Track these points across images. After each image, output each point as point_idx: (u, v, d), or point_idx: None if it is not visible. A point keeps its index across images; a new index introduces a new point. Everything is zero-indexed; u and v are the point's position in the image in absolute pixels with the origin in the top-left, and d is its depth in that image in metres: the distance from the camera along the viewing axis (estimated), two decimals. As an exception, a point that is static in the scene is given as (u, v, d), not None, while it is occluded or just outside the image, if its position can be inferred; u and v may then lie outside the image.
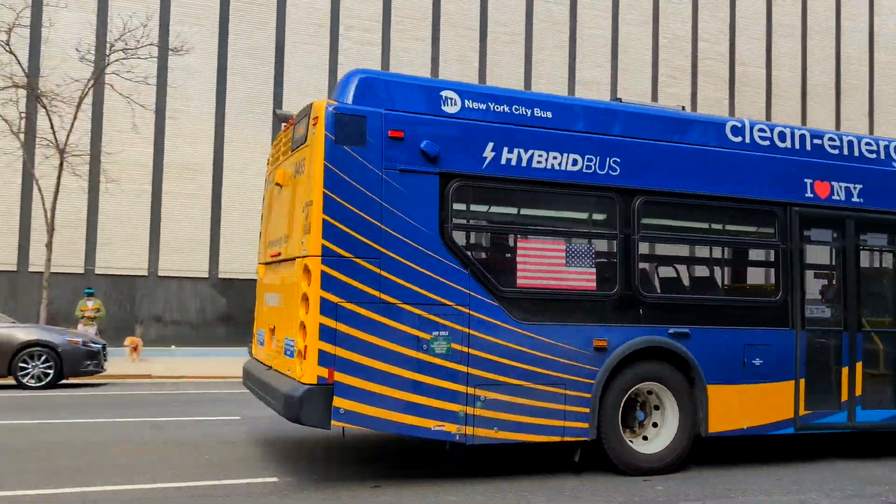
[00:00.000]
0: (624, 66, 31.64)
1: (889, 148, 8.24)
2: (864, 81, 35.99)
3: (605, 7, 31.59)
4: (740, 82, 33.81)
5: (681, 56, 32.75)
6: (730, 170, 7.39)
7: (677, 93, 32.17)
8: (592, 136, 6.93)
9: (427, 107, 6.47)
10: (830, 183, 7.79)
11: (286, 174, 6.99)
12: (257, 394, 7.14)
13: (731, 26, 33.82)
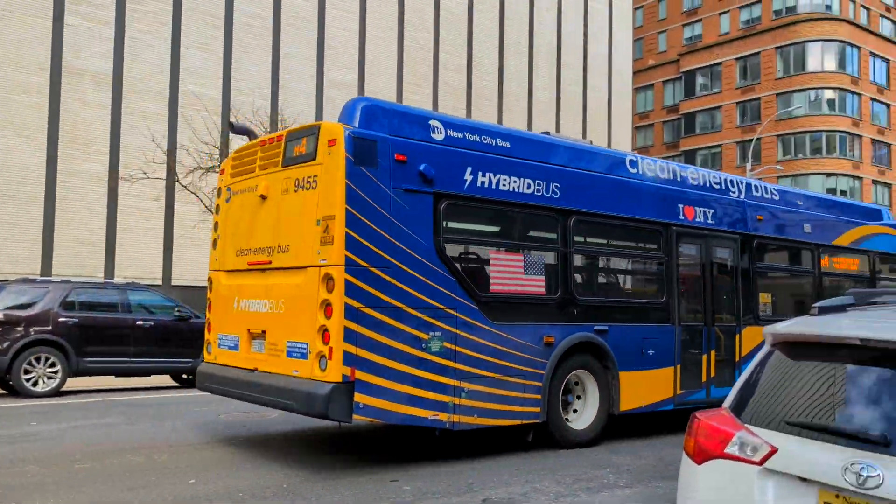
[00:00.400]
0: (371, 69, 32.37)
1: (728, 181, 10.37)
2: (579, 100, 40.49)
3: (353, 9, 32.04)
4: (476, 94, 36.24)
5: (424, 64, 34.28)
6: (631, 196, 8.94)
7: (420, 99, 33.67)
8: (540, 164, 8.13)
9: (420, 133, 7.35)
10: (694, 208, 9.60)
11: (275, 187, 7.43)
12: (245, 395, 7.49)
13: (468, 40, 36.10)
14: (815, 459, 2.77)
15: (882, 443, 2.66)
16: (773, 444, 2.92)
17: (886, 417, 2.74)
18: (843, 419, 2.86)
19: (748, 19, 57.71)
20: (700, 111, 56.83)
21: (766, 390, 3.18)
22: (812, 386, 3.06)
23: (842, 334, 3.09)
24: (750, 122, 52.96)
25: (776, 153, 50.84)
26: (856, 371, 2.97)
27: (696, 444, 3.23)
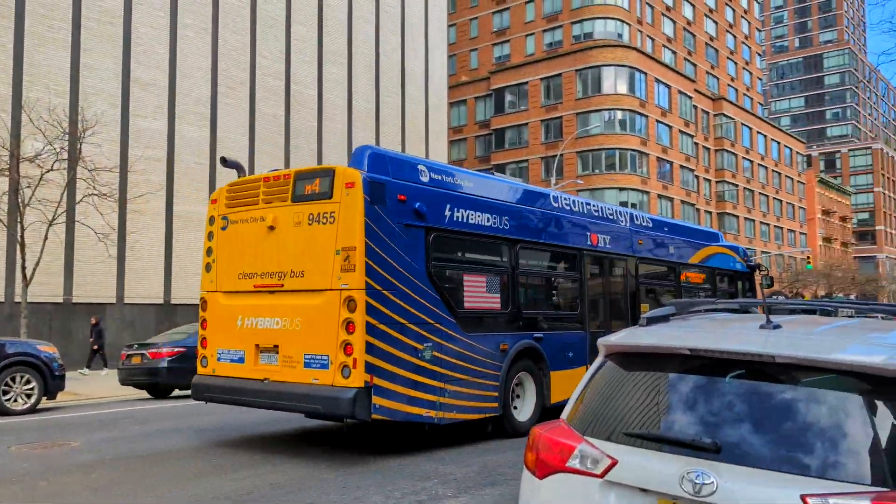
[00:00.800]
0: (183, 70, 30.94)
1: (618, 212, 12.73)
2: (398, 112, 41.25)
3: (163, 6, 30.48)
4: (295, 101, 35.79)
5: (239, 68, 33.30)
6: (556, 226, 10.96)
7: (235, 103, 32.70)
8: (495, 201, 9.89)
9: (412, 176, 8.79)
10: (597, 235, 11.77)
11: (284, 220, 8.54)
12: (255, 402, 8.67)
13: (287, 46, 35.58)
14: (653, 470, 2.80)
15: (714, 450, 2.70)
16: (613, 455, 2.92)
17: (716, 425, 2.80)
18: (676, 428, 2.88)
19: (551, 42, 61.82)
20: (509, 127, 59.96)
21: (603, 401, 3.18)
22: (646, 396, 3.09)
23: (672, 344, 3.14)
24: (553, 138, 56.69)
25: (576, 168, 54.84)
26: (686, 380, 3.02)
27: (537, 459, 3.18)
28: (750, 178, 71.27)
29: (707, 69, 73.09)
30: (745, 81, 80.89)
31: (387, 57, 40.80)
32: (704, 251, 15.03)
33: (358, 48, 39.18)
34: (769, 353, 2.83)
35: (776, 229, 75.85)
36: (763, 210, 73.43)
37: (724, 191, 67.08)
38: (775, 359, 2.81)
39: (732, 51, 78.55)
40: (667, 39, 66.40)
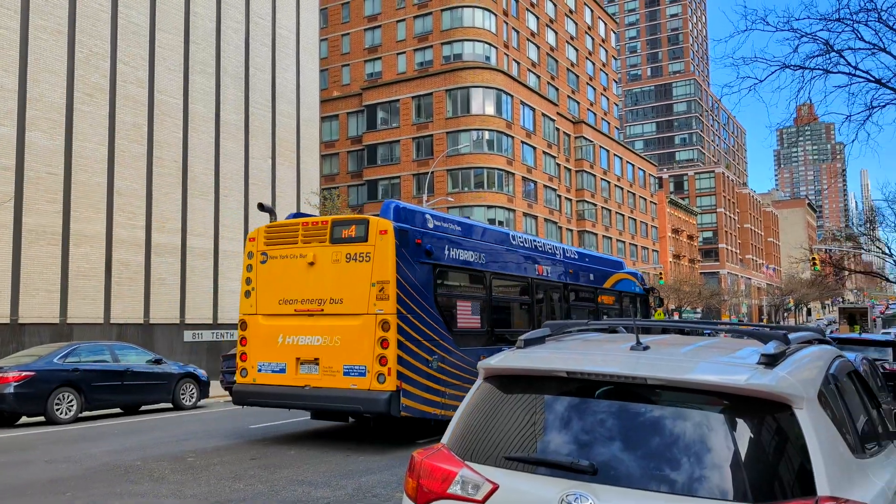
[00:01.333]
0: (36, 74, 29.06)
1: (554, 247, 15.55)
2: (268, 125, 40.56)
3: (13, 5, 28.54)
4: (159, 110, 34.42)
5: (98, 73, 31.68)
6: (514, 260, 13.54)
7: (93, 111, 31.06)
8: (475, 241, 12.38)
9: (421, 223, 11.19)
10: (542, 266, 14.34)
11: (323, 257, 10.71)
12: (296, 404, 10.92)
13: (150, 54, 34.20)
14: (533, 494, 2.80)
15: (591, 472, 2.74)
16: (495, 480, 2.89)
17: (590, 446, 2.83)
18: (555, 451, 2.88)
19: (422, 62, 62.90)
20: (381, 144, 60.31)
21: (483, 425, 3.14)
22: (525, 418, 3.08)
23: (548, 367, 3.15)
24: (424, 156, 57.59)
25: (447, 185, 55.96)
26: (563, 402, 3.03)
27: (418, 487, 3.10)
28: (607, 197, 75.36)
29: (568, 94, 76.80)
30: (602, 106, 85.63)
31: (257, 69, 40.08)
32: (614, 277, 18.18)
33: (227, 59, 38.24)
34: (640, 374, 2.89)
35: (631, 246, 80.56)
36: (619, 228, 77.80)
37: (584, 209, 70.54)
38: (647, 380, 2.87)
39: (591, 77, 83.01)
40: (531, 64, 69.25)
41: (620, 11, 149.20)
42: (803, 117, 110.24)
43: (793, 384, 2.78)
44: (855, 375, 3.96)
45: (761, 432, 2.75)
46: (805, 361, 3.16)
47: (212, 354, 33.29)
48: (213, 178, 36.99)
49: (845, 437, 2.98)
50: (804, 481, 2.59)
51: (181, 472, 8.96)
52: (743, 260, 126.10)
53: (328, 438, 11.71)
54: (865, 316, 57.47)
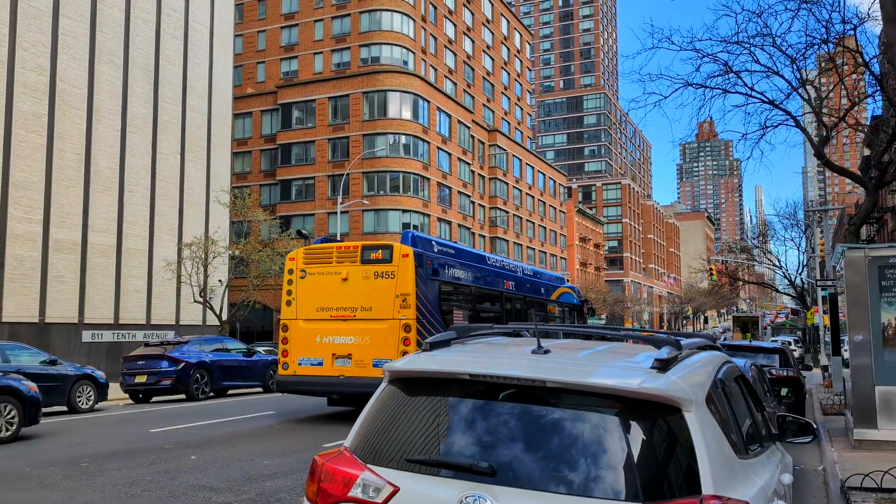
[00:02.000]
0: (-77, 56, 27.32)
1: (516, 266, 19.44)
2: (178, 119, 39.40)
3: None
4: (62, 100, 32.94)
5: (-5, 59, 30.10)
6: (490, 277, 16.90)
7: (-11, 98, 29.44)
8: (464, 262, 15.67)
9: (429, 248, 14.33)
10: (508, 282, 17.93)
11: (354, 274, 13.71)
12: (333, 391, 14.07)
13: (53, 41, 32.71)
14: (432, 496, 2.81)
15: (490, 473, 2.75)
16: (396, 483, 2.89)
17: (493, 448, 2.85)
18: (456, 453, 2.91)
19: (339, 63, 62.48)
20: (296, 143, 59.48)
21: (385, 428, 3.14)
22: (428, 421, 3.10)
23: (451, 369, 3.16)
24: (340, 157, 57.18)
25: (362, 188, 55.75)
26: (465, 404, 3.05)
27: (319, 490, 3.07)
28: (519, 205, 76.82)
29: (483, 102, 77.91)
30: (516, 116, 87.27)
31: (168, 62, 38.88)
32: (559, 290, 22.15)
33: (136, 50, 36.94)
34: (540, 377, 2.93)
35: (541, 253, 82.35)
36: (529, 236, 79.41)
37: (496, 216, 71.66)
38: (546, 383, 2.91)
39: (506, 86, 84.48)
40: (448, 71, 69.90)
41: (536, 24, 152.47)
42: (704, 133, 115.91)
43: (683, 388, 2.87)
44: (741, 380, 4.20)
45: (653, 434, 2.83)
46: (695, 366, 3.28)
47: (112, 356, 32.01)
48: (117, 172, 35.64)
49: (731, 439, 3.12)
50: (691, 481, 2.70)
51: (74, 478, 8.65)
52: (646, 269, 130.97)
53: (233, 443, 11.54)
54: (757, 324, 60.70)
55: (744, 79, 15.58)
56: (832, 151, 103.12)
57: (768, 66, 15.41)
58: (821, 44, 14.54)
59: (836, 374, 20.17)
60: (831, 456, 10.38)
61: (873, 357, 10.77)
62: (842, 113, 17.29)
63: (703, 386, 3.13)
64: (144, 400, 20.49)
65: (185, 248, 34.74)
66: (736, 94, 15.71)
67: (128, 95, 36.29)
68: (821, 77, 18.39)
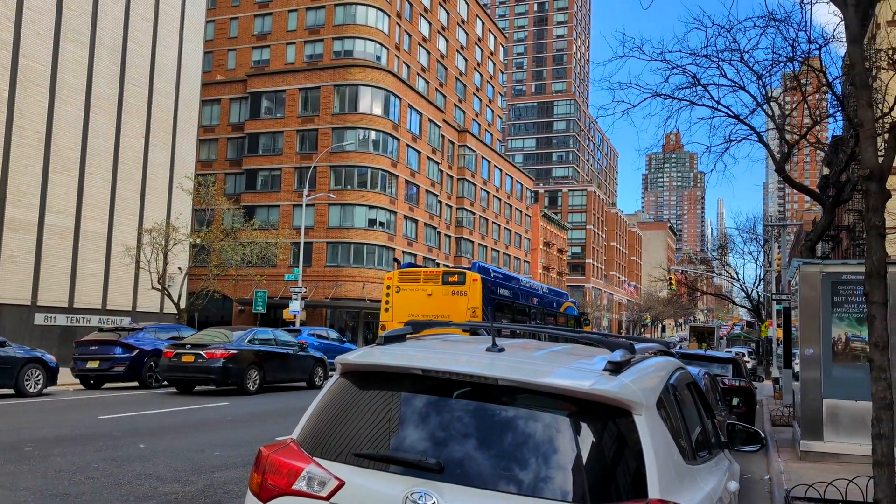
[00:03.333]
0: None
1: (539, 286, 26.41)
2: (144, 103, 38.70)
3: None
4: (24, 76, 32.13)
5: (-45, 30, 29.25)
6: (523, 295, 22.92)
7: (-53, 70, 28.58)
8: (506, 284, 21.59)
9: (488, 275, 20.28)
10: (534, 298, 24.29)
11: (437, 292, 18.95)
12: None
13: (17, 15, 31.89)
14: (378, 491, 2.78)
15: (437, 470, 2.73)
16: (341, 477, 2.85)
17: (442, 444, 2.83)
18: (404, 448, 2.88)
19: (312, 54, 62.00)
20: (264, 133, 58.86)
21: (335, 421, 3.09)
22: (379, 415, 3.05)
23: (404, 364, 3.11)
24: (308, 150, 56.73)
25: (329, 182, 55.38)
26: (417, 400, 3.02)
27: (262, 481, 3.01)
28: (486, 207, 77.07)
29: (455, 102, 77.98)
30: (487, 118, 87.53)
31: (136, 43, 38.17)
32: (565, 304, 27.92)
33: (104, 30, 36.20)
34: (493, 375, 2.90)
35: (505, 256, 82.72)
36: (495, 238, 79.72)
37: (462, 217, 71.78)
38: (498, 381, 2.88)
39: (478, 87, 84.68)
40: (421, 69, 69.81)
41: (510, 27, 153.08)
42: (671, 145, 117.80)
43: (634, 391, 2.86)
44: (693, 387, 4.26)
45: (602, 436, 2.83)
46: (648, 371, 3.29)
47: (66, 340, 31.31)
48: (79, 153, 34.89)
49: (679, 444, 3.13)
50: (638, 484, 2.70)
51: (15, 462, 8.43)
52: (607, 276, 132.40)
53: (185, 433, 11.38)
54: (713, 335, 61.77)
55: (711, 92, 15.70)
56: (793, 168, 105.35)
57: (735, 80, 15.61)
58: (787, 62, 14.80)
59: (787, 387, 20.60)
60: (778, 466, 10.59)
61: (823, 371, 11.02)
62: (804, 131, 17.66)
63: (655, 390, 3.14)
64: (96, 386, 20.08)
65: (146, 233, 34.16)
66: (703, 107, 15.90)
67: (93, 75, 35.54)
68: (785, 95, 18.76)
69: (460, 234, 71.48)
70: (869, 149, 6.49)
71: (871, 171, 6.37)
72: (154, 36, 39.36)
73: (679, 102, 15.51)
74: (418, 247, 62.31)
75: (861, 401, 10.08)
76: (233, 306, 56.19)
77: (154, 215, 37.84)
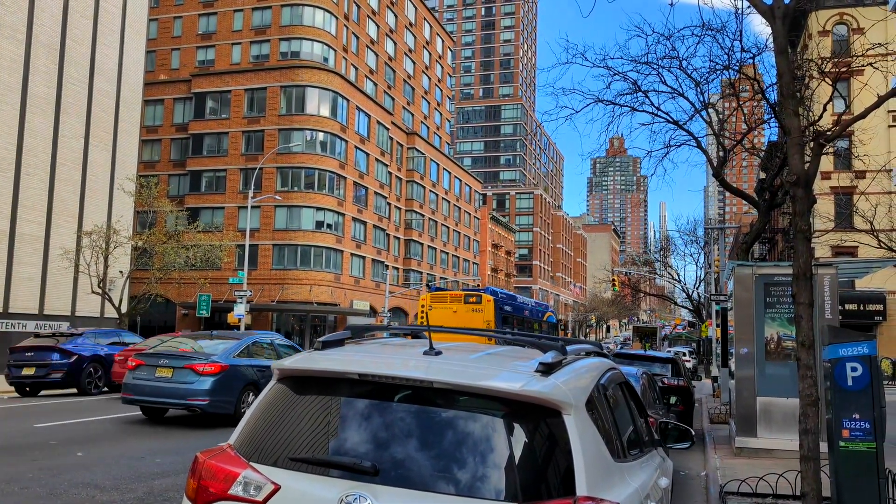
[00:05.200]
0: None
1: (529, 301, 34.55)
2: (84, 102, 37.67)
3: None
4: (-46, 73, 30.97)
5: None
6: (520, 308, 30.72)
7: None
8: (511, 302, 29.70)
9: (497, 296, 27.37)
10: (526, 311, 31.39)
11: (461, 310, 26.01)
12: None
13: (-52, 9, 30.73)
14: (313, 495, 2.79)
15: (372, 472, 2.76)
16: (277, 481, 2.86)
17: (378, 447, 2.86)
18: (340, 452, 2.91)
19: (258, 55, 61.20)
20: (208, 134, 57.82)
21: (272, 426, 3.10)
22: (316, 420, 3.08)
23: (340, 368, 3.15)
24: (254, 151, 55.96)
25: (276, 184, 54.73)
26: (354, 404, 3.05)
27: (198, 487, 3.01)
28: (435, 209, 77.22)
29: (404, 104, 77.96)
30: (435, 121, 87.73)
31: (75, 41, 37.13)
32: (546, 314, 34.58)
33: (40, 27, 35.13)
34: (428, 378, 2.95)
35: (454, 258, 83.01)
36: (444, 240, 79.93)
37: (412, 219, 71.78)
38: (433, 384, 2.92)
39: (427, 90, 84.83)
40: (369, 71, 69.59)
41: (458, 31, 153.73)
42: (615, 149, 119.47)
43: (564, 392, 2.93)
44: (625, 386, 4.39)
45: (534, 436, 2.89)
46: (579, 371, 3.36)
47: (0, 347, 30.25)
48: (14, 153, 33.76)
49: (609, 443, 3.21)
50: (567, 482, 2.76)
51: (-52, 473, 8.18)
52: (553, 277, 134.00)
53: (124, 440, 11.15)
54: (655, 335, 63.08)
55: (651, 98, 16.04)
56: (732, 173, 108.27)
57: (674, 87, 16.02)
58: (723, 70, 15.28)
59: (724, 385, 21.24)
60: (714, 462, 10.93)
61: (756, 369, 11.42)
62: (740, 137, 18.23)
63: (585, 390, 3.22)
64: (32, 393, 19.47)
65: (85, 236, 33.24)
66: (643, 113, 16.26)
67: (29, 73, 34.45)
68: (723, 101, 19.33)
69: (410, 236, 71.46)
70: (796, 156, 6.79)
71: (798, 177, 6.67)
72: (94, 34, 38.37)
73: (620, 108, 15.82)
74: (367, 249, 62.07)
75: (792, 398, 10.46)
76: (176, 310, 55.04)
77: (94, 217, 36.85)
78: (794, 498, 7.93)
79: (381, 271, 64.12)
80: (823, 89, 17.34)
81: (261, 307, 52.14)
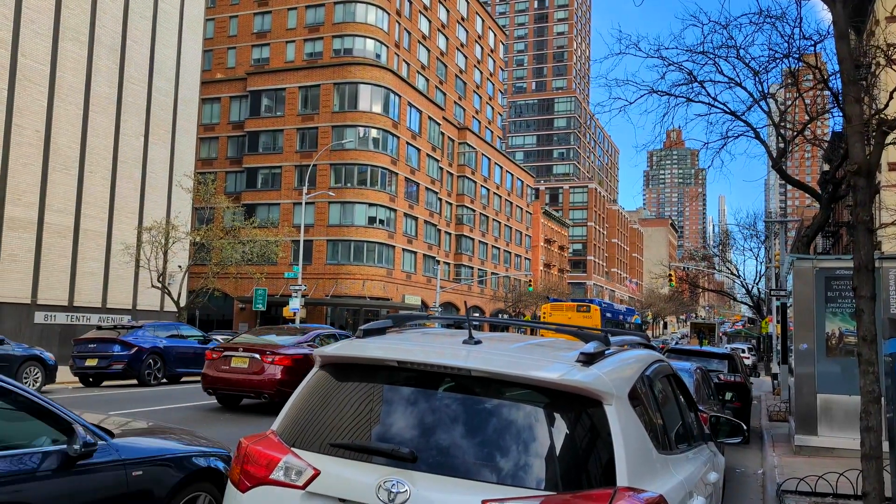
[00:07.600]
0: None
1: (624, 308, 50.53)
2: (143, 101, 38.74)
3: None
4: (23, 75, 32.18)
5: (-46, 29, 29.29)
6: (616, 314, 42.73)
7: (-53, 70, 28.62)
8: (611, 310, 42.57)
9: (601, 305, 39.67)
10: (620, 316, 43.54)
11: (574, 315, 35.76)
12: None
13: (16, 14, 31.93)
14: (352, 480, 2.83)
15: (410, 459, 2.78)
16: (317, 466, 2.91)
17: (415, 434, 2.88)
18: (379, 438, 2.94)
19: (312, 52, 62.02)
20: (264, 131, 58.90)
21: (313, 412, 3.15)
22: (356, 406, 3.11)
23: (380, 356, 3.19)
24: (308, 148, 56.77)
25: (329, 180, 55.43)
26: (392, 391, 3.08)
27: (242, 472, 3.10)
28: (486, 204, 77.10)
29: (455, 99, 77.98)
30: (487, 115, 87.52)
31: (135, 42, 38.21)
32: (634, 317, 45.30)
33: (102, 28, 36.24)
34: (466, 366, 2.95)
35: (505, 253, 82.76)
36: (495, 235, 79.76)
37: (462, 214, 71.81)
38: (471, 372, 2.93)
39: (478, 85, 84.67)
40: (421, 66, 69.81)
41: (510, 24, 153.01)
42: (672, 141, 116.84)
43: (605, 382, 2.91)
44: (673, 379, 4.30)
45: (574, 426, 2.89)
46: (622, 362, 3.34)
47: (65, 339, 31.39)
48: (78, 151, 34.95)
49: (653, 435, 3.18)
50: (608, 472, 2.76)
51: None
52: (608, 273, 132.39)
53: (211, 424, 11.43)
54: (713, 331, 61.80)
55: (707, 88, 15.65)
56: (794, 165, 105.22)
57: (731, 77, 15.61)
58: (783, 58, 14.81)
59: (784, 382, 20.67)
60: (772, 460, 10.64)
61: (816, 366, 11.07)
62: (800, 127, 17.66)
63: (628, 381, 3.18)
64: (95, 384, 20.15)
65: (145, 231, 34.21)
66: (699, 104, 15.94)
67: (92, 74, 35.58)
68: (785, 91, 18.75)
69: (461, 231, 71.52)
70: (857, 144, 6.53)
71: (859, 166, 6.42)
72: (153, 34, 39.40)
73: (675, 99, 15.49)
74: (418, 244, 62.36)
75: (854, 395, 10.10)
76: (233, 304, 56.28)
77: (154, 213, 37.90)
78: (854, 497, 7.66)
79: (433, 266, 64.36)
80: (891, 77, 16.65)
81: (315, 301, 52.92)
